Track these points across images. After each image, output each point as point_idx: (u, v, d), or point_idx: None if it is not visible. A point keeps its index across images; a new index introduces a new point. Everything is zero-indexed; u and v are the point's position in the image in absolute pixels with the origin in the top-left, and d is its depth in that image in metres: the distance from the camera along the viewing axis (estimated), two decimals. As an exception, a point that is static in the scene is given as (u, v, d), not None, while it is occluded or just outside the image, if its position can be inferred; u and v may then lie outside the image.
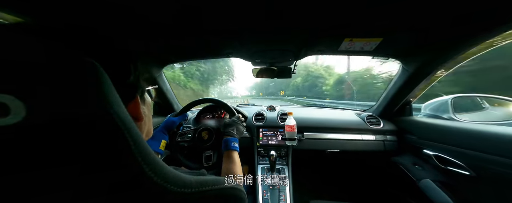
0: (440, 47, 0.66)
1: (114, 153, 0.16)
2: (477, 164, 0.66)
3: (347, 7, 0.47)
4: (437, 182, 0.79)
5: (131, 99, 0.26)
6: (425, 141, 0.87)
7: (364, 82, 11.52)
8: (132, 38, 0.67)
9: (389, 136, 1.04)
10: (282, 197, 0.91)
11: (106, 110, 0.16)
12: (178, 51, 0.86)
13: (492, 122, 0.72)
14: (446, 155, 0.76)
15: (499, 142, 0.60)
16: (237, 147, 0.64)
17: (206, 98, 0.93)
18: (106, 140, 0.16)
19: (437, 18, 0.51)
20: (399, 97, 0.96)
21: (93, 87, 0.16)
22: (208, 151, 0.79)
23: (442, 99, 0.88)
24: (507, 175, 0.57)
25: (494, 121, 0.72)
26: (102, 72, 0.17)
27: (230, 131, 0.69)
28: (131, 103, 0.26)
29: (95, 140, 0.15)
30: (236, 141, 0.66)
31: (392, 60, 0.85)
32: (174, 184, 0.21)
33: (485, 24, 0.51)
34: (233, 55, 0.89)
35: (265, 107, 1.32)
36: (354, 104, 7.57)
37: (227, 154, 0.61)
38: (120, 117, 0.17)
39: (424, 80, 0.84)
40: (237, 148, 0.63)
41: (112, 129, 0.16)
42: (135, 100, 0.27)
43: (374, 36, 0.64)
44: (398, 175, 0.96)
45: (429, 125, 0.87)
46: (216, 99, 0.91)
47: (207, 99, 0.94)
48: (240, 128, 0.72)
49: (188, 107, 0.87)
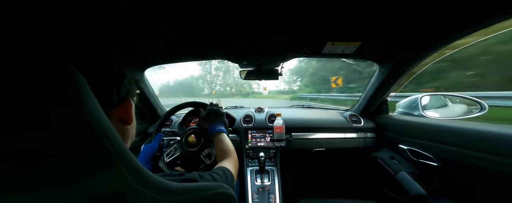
0: (411, 52, 0.74)
1: (93, 162, 0.15)
2: (442, 155, 0.74)
3: (326, 12, 0.49)
4: (411, 174, 0.87)
5: (123, 100, 0.26)
6: (400, 136, 0.95)
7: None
8: (112, 38, 0.62)
9: (369, 133, 1.12)
10: (272, 198, 0.91)
11: (85, 117, 0.15)
12: (160, 53, 0.82)
13: (453, 117, 0.82)
14: (418, 149, 0.84)
15: (458, 135, 0.68)
16: (223, 128, 0.66)
17: (172, 108, 0.86)
18: (85, 148, 0.14)
19: (407, 25, 0.57)
20: (377, 97, 1.04)
21: (73, 94, 0.14)
22: (205, 150, 0.76)
23: (413, 98, 0.97)
24: (465, 163, 0.65)
25: (454, 117, 0.82)
26: (80, 79, 0.15)
27: (210, 120, 0.69)
28: (124, 104, 0.26)
29: (72, 148, 0.14)
30: (220, 124, 0.67)
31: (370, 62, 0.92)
32: (160, 193, 0.20)
33: (445, 31, 0.58)
34: (220, 57, 0.88)
35: (253, 108, 1.32)
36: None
37: (215, 137, 0.64)
38: (101, 124, 0.16)
39: (397, 81, 0.92)
40: (223, 130, 0.65)
41: (91, 136, 0.15)
42: (127, 102, 0.26)
43: (353, 40, 0.69)
44: (378, 169, 1.04)
45: (402, 121, 0.95)
46: (184, 103, 0.87)
47: (174, 108, 0.86)
48: (218, 112, 0.72)
49: (160, 125, 0.81)
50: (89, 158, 0.15)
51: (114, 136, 0.17)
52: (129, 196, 0.17)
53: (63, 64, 0.15)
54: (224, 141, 0.62)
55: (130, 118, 0.27)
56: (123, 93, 0.25)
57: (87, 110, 0.15)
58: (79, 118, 0.14)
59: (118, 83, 0.24)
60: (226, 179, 0.40)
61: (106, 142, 0.16)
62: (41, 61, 0.14)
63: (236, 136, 1.09)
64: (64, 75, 0.15)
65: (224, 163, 0.51)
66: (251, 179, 0.98)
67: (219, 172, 0.40)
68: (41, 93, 0.13)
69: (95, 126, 0.15)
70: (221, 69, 44.37)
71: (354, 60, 1.08)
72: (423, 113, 0.89)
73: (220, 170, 0.42)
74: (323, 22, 0.54)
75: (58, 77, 0.14)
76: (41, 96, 0.13)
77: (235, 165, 0.54)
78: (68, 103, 0.14)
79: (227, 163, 0.51)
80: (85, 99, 0.15)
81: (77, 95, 0.15)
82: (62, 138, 0.14)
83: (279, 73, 1.01)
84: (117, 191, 0.16)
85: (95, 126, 0.15)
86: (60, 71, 0.14)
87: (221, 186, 0.29)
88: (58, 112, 0.14)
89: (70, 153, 0.14)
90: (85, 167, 0.14)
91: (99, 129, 0.15)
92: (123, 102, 0.26)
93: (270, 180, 0.97)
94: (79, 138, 0.14)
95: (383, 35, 0.64)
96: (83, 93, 0.15)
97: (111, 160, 0.16)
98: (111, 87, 0.23)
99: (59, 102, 0.14)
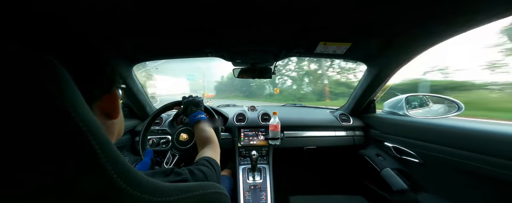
0: (397, 53, 0.77)
1: (76, 162, 0.14)
2: (423, 152, 0.78)
3: (318, 12, 0.50)
4: (395, 170, 0.92)
5: (107, 92, 0.24)
6: (385, 134, 1.00)
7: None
8: (95, 32, 0.58)
9: (357, 131, 1.16)
10: (263, 195, 0.92)
11: (68, 113, 0.14)
12: (149, 49, 0.79)
13: (433, 116, 0.87)
14: (401, 146, 0.89)
15: (438, 133, 0.73)
16: (203, 116, 0.67)
17: (155, 112, 0.83)
18: (67, 146, 0.14)
19: (394, 28, 0.60)
20: (365, 97, 1.09)
21: (52, 88, 0.13)
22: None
23: (398, 98, 1.02)
24: (444, 160, 0.70)
25: (435, 116, 0.87)
26: (61, 72, 0.14)
27: (188, 112, 0.69)
28: (107, 96, 0.24)
29: (54, 146, 0.13)
30: (200, 112, 0.68)
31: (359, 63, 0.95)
32: (150, 194, 0.19)
33: (431, 31, 0.60)
34: (212, 55, 0.86)
35: (246, 107, 1.32)
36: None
37: (196, 126, 0.64)
38: (84, 119, 0.15)
39: (384, 82, 0.97)
40: (202, 117, 0.66)
41: (75, 133, 0.14)
42: (112, 93, 0.24)
43: (344, 41, 0.71)
44: (365, 166, 1.08)
45: (388, 120, 1.00)
46: (161, 107, 0.83)
47: (157, 111, 0.84)
48: (194, 101, 0.73)
49: (143, 138, 0.78)
50: (71, 157, 0.14)
51: (99, 133, 0.16)
52: (116, 197, 0.16)
53: (43, 59, 0.14)
54: (202, 128, 0.62)
55: (115, 111, 0.25)
56: (106, 84, 0.24)
57: (69, 105, 0.14)
58: (62, 116, 0.13)
59: (100, 72, 0.23)
60: (214, 169, 0.40)
61: (91, 139, 0.15)
62: (19, 58, 0.13)
63: (228, 134, 1.09)
64: (45, 71, 0.14)
65: (205, 151, 0.51)
66: (243, 177, 0.99)
67: (205, 164, 0.40)
68: (19, 91, 0.12)
69: (80, 123, 0.14)
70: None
71: (345, 61, 1.12)
72: (407, 112, 0.94)
73: (205, 161, 0.41)
74: (316, 22, 0.55)
75: (39, 73, 0.13)
76: (20, 94, 0.12)
77: (217, 150, 0.54)
78: (49, 100, 0.13)
79: (209, 150, 0.52)
80: (68, 95, 0.14)
81: (60, 91, 0.14)
82: (42, 137, 0.13)
83: (273, 72, 1.01)
84: (103, 192, 0.15)
85: (80, 123, 0.14)
86: (41, 67, 0.13)
87: (213, 186, 0.29)
88: (38, 110, 0.13)
89: (52, 152, 0.13)
90: (68, 167, 0.14)
91: (84, 126, 0.14)
92: (107, 93, 0.24)
93: (262, 178, 0.98)
94: (61, 136, 0.13)
95: (372, 36, 0.67)
96: (65, 88, 0.14)
97: (96, 159, 0.15)
98: (93, 77, 0.22)
99: (40, 99, 0.13)
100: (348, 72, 11.59)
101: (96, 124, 0.16)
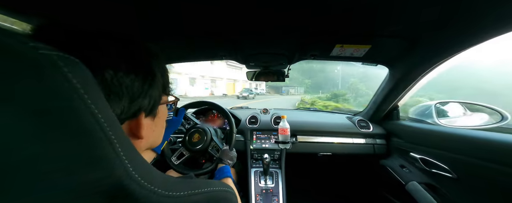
0: (424, 55, 0.71)
1: (93, 150, 0.15)
2: (458, 166, 0.69)
3: (333, 15, 0.49)
4: (423, 184, 0.83)
5: (130, 117, 0.23)
6: (411, 144, 0.91)
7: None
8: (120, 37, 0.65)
9: (378, 139, 1.07)
10: (275, 201, 0.90)
11: (85, 103, 0.14)
12: (169, 53, 0.85)
13: (471, 126, 0.77)
14: (431, 158, 0.79)
15: (476, 146, 0.64)
16: (229, 174, 0.68)
17: (202, 101, 0.96)
18: (82, 134, 0.14)
19: (420, 26, 0.55)
20: (387, 102, 1.01)
21: (63, 77, 0.13)
22: (211, 143, 0.80)
23: (426, 105, 0.92)
24: (483, 176, 0.61)
25: (472, 126, 0.77)
26: (83, 68, 0.15)
27: (227, 160, 0.72)
28: (131, 121, 0.23)
29: (69, 134, 0.13)
30: (228, 169, 0.70)
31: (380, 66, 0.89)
32: (163, 188, 0.20)
33: (469, 29, 0.53)
34: (227, 58, 0.90)
35: (259, 109, 1.33)
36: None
37: (223, 181, 0.65)
38: (101, 112, 0.15)
39: (409, 86, 0.89)
40: (229, 175, 0.68)
41: (89, 124, 0.14)
42: (137, 120, 0.23)
43: (363, 43, 0.67)
44: (387, 178, 0.99)
45: (415, 129, 0.91)
46: (212, 103, 0.92)
47: (203, 102, 0.97)
48: (229, 155, 0.75)
49: (186, 106, 0.89)
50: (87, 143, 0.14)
51: (117, 126, 0.16)
52: (130, 189, 0.17)
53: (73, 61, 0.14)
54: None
55: (139, 135, 0.24)
56: (132, 110, 0.22)
57: (92, 99, 0.14)
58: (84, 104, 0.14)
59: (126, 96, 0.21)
60: None
61: (109, 131, 0.15)
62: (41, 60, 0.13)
63: (241, 136, 1.10)
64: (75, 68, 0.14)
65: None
66: (255, 180, 0.98)
67: None
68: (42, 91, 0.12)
69: (98, 115, 0.14)
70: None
71: (363, 64, 1.04)
72: (437, 120, 0.84)
73: None
74: (332, 24, 0.54)
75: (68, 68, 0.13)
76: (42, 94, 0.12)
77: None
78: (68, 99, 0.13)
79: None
80: (94, 92, 0.15)
81: (84, 86, 0.14)
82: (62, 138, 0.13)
83: (286, 75, 1.01)
84: (119, 183, 0.16)
85: (98, 115, 0.14)
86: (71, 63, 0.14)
87: (221, 184, 0.30)
88: (58, 107, 0.13)
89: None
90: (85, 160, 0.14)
91: (103, 117, 0.15)
92: (131, 119, 0.23)
93: (274, 182, 0.97)
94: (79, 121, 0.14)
95: (395, 38, 0.63)
96: (93, 86, 0.15)
97: (113, 151, 0.16)
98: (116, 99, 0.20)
99: (60, 98, 0.13)
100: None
101: (114, 120, 0.16)
